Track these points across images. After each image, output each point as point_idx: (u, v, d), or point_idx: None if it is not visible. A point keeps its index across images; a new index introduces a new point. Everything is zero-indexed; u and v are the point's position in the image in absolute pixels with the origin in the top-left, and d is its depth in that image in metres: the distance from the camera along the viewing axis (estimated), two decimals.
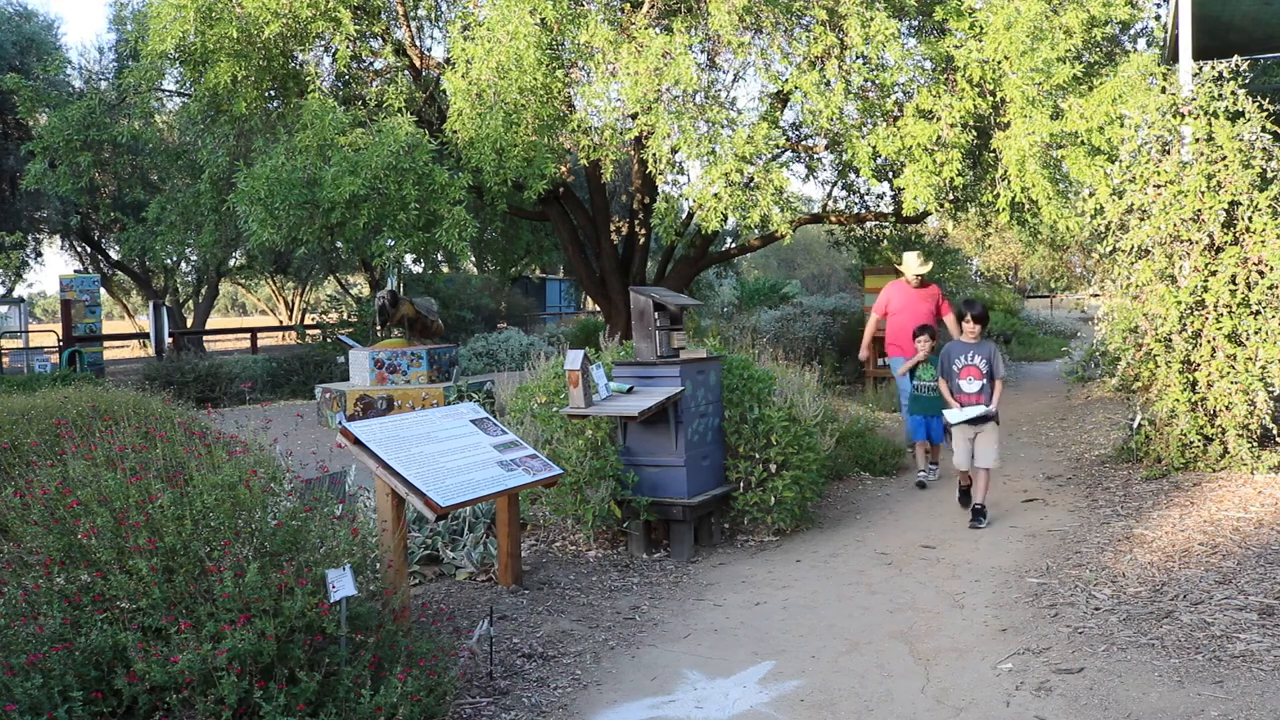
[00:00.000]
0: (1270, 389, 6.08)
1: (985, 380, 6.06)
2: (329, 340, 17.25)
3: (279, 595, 2.95)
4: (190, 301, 29.41)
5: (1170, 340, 6.47)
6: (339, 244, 11.23)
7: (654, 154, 9.25)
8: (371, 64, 12.21)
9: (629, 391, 5.55)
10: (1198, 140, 6.49)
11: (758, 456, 5.82)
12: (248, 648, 2.78)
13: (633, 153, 11.29)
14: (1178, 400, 6.44)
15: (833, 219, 14.13)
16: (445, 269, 19.31)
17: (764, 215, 9.29)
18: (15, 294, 23.49)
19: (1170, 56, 9.07)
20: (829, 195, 14.94)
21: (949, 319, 8.04)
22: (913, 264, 8.10)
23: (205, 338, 25.96)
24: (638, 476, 5.50)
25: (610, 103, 9.51)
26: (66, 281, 17.91)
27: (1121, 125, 8.21)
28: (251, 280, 33.56)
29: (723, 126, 9.28)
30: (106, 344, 20.68)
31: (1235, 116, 6.43)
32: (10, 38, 16.94)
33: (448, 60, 11.08)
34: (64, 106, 11.55)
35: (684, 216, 12.19)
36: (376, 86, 11.53)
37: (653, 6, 9.80)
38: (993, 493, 6.81)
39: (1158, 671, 3.60)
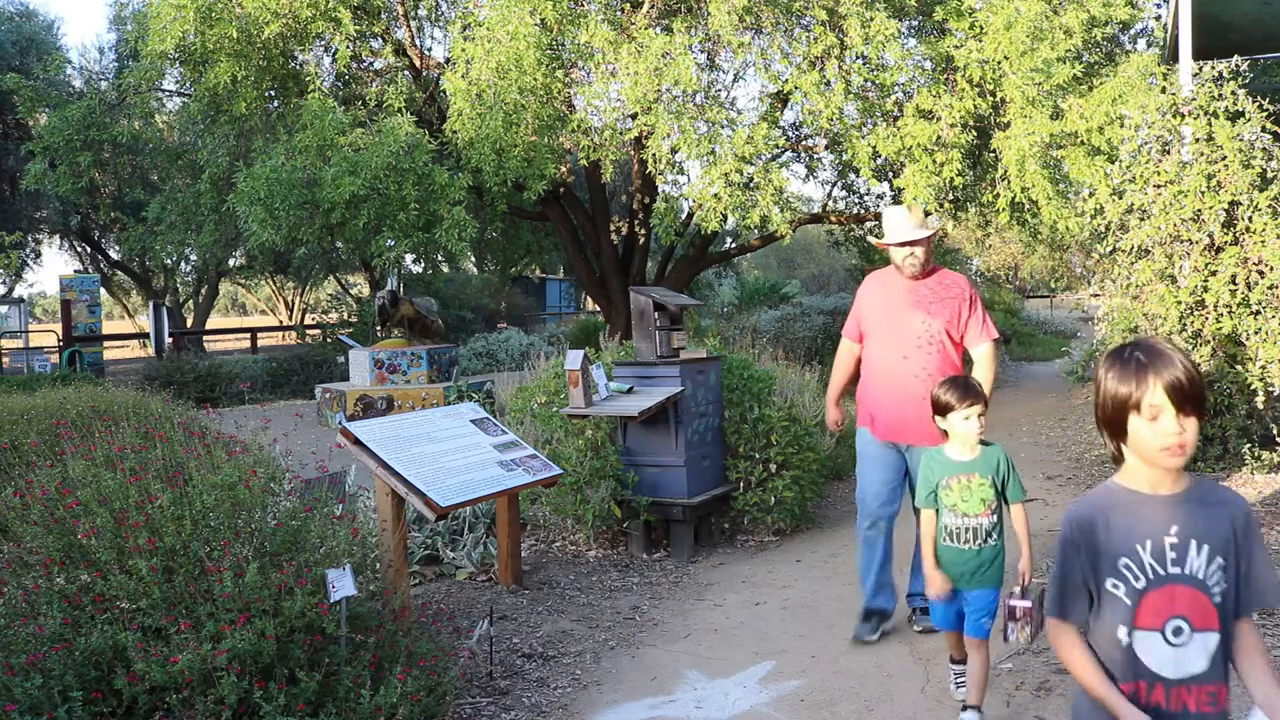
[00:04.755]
0: (1270, 389, 6.08)
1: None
2: (329, 340, 17.26)
3: (279, 595, 2.95)
4: (190, 301, 29.40)
5: (1170, 340, 6.46)
6: (339, 244, 11.24)
7: (654, 154, 9.26)
8: (371, 64, 12.22)
9: (629, 391, 5.55)
10: (1198, 140, 6.49)
11: (758, 456, 5.82)
12: (248, 648, 2.78)
13: (633, 153, 11.29)
14: None
15: (833, 219, 14.14)
16: (445, 269, 19.32)
17: (764, 215, 9.29)
18: (15, 294, 23.49)
19: (1170, 56, 9.07)
20: (829, 195, 14.96)
21: (984, 353, 4.06)
22: (897, 226, 4.05)
23: (205, 338, 25.96)
24: (638, 476, 5.50)
25: (610, 103, 9.51)
26: (66, 281, 17.92)
27: (1121, 125, 8.21)
28: (251, 280, 33.54)
29: (723, 126, 9.29)
30: (106, 344, 20.68)
31: (1235, 116, 6.43)
32: (10, 38, 16.94)
33: (448, 60, 11.08)
34: (64, 106, 11.56)
35: (684, 216, 12.20)
36: (376, 86, 11.54)
37: (653, 6, 9.80)
38: None
39: None
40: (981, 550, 3.25)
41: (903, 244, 4.02)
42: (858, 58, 9.44)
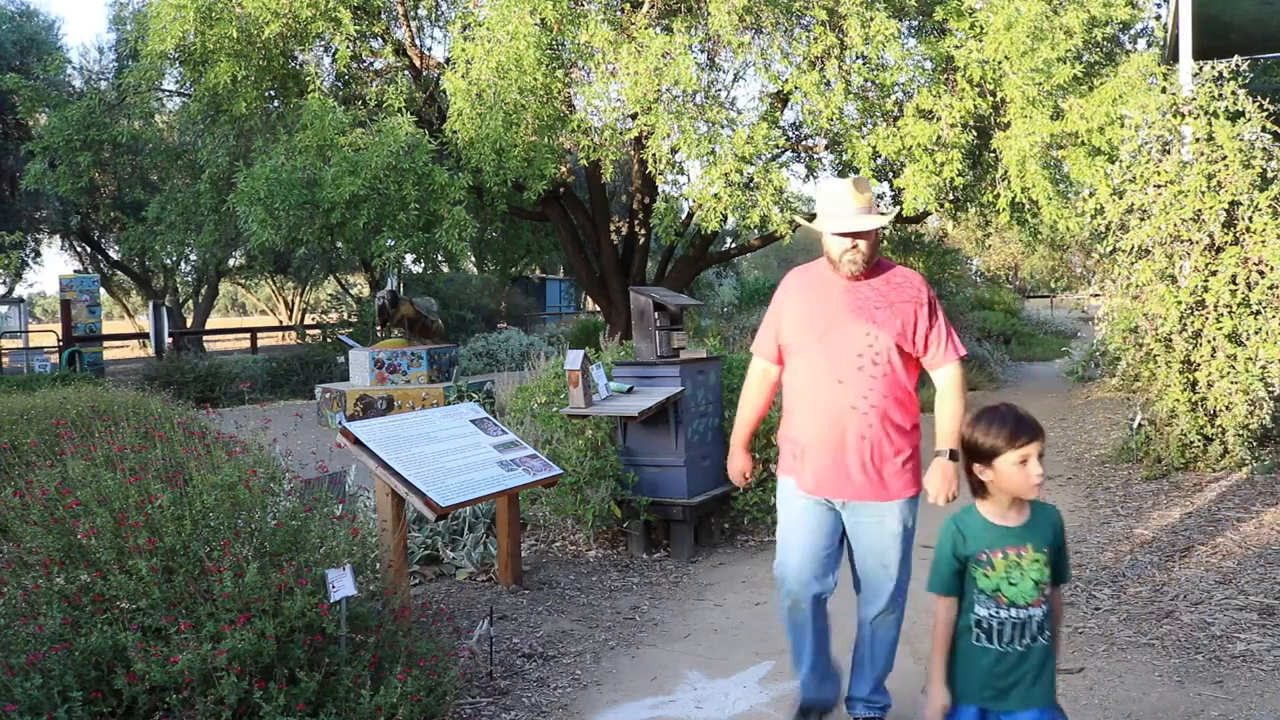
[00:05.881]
0: (1270, 389, 6.08)
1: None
2: (329, 340, 17.27)
3: (279, 595, 2.95)
4: (190, 301, 29.42)
5: (1170, 340, 6.47)
6: (339, 244, 11.25)
7: (654, 154, 9.26)
8: (371, 64, 12.22)
9: (629, 391, 5.55)
10: (1198, 140, 6.49)
11: (758, 456, 5.81)
12: (248, 648, 2.78)
13: (633, 153, 11.30)
14: (1178, 400, 6.44)
15: None
16: (445, 269, 19.34)
17: (764, 215, 9.29)
18: (15, 294, 23.50)
19: (1170, 56, 9.08)
20: None
21: (951, 378, 3.06)
22: (838, 209, 2.99)
23: (205, 338, 25.96)
24: (638, 476, 5.49)
25: (610, 103, 9.52)
26: (66, 281, 17.92)
27: (1122, 125, 8.22)
28: (251, 280, 33.56)
29: (723, 126, 9.29)
30: (106, 344, 20.70)
31: (1235, 116, 6.43)
32: (10, 38, 16.95)
33: (448, 60, 11.09)
34: (64, 106, 11.57)
35: (684, 216, 12.21)
36: (376, 86, 11.55)
37: (653, 6, 9.80)
38: None
39: (1158, 671, 3.60)
40: (1030, 652, 2.34)
41: (844, 235, 2.96)
42: (858, 58, 9.44)
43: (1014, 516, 2.39)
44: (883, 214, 3.02)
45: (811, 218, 3.09)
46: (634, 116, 9.57)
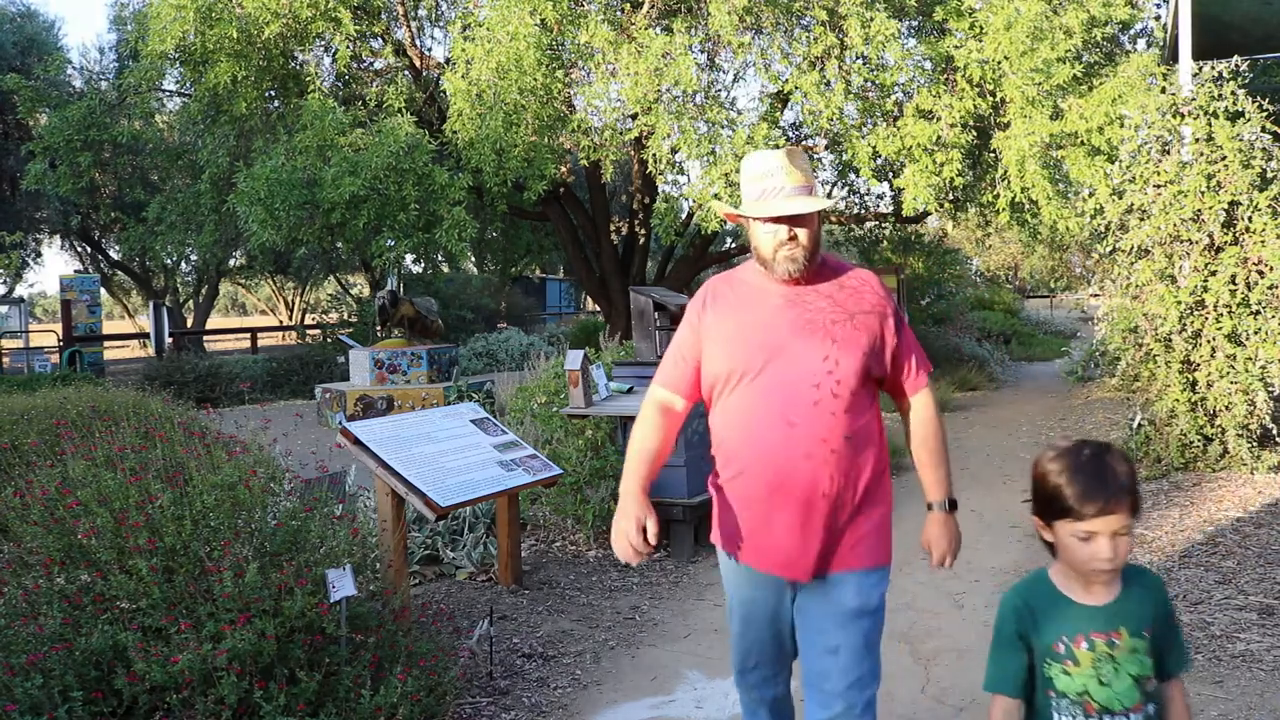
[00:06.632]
0: (1270, 389, 6.08)
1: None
2: (329, 340, 17.27)
3: (279, 595, 2.95)
4: (190, 301, 29.41)
5: (1170, 340, 6.47)
6: (339, 244, 11.26)
7: (654, 154, 9.27)
8: (371, 64, 12.24)
9: (629, 391, 5.56)
10: (1198, 140, 6.50)
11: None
12: (248, 648, 2.78)
13: (633, 153, 11.31)
14: (1177, 400, 6.45)
15: (833, 219, 14.16)
16: (445, 269, 19.35)
17: None
18: (15, 294, 23.52)
19: (1170, 56, 9.08)
20: (829, 195, 14.97)
21: (927, 402, 2.35)
22: (767, 185, 2.20)
23: (205, 338, 25.95)
24: None
25: (610, 103, 9.53)
26: (66, 281, 17.93)
27: (1121, 125, 8.23)
28: (251, 280, 33.56)
29: (723, 126, 9.30)
30: (107, 344, 20.69)
31: (1235, 116, 6.43)
32: (11, 38, 16.96)
33: (448, 60, 11.10)
34: (64, 106, 11.59)
35: (684, 216, 12.21)
36: (376, 86, 11.56)
37: (653, 7, 9.81)
38: (992, 494, 6.78)
39: None
40: None
41: (777, 220, 2.20)
42: (858, 58, 9.45)
43: (1100, 591, 1.73)
44: (820, 194, 2.31)
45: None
46: (634, 117, 9.58)
